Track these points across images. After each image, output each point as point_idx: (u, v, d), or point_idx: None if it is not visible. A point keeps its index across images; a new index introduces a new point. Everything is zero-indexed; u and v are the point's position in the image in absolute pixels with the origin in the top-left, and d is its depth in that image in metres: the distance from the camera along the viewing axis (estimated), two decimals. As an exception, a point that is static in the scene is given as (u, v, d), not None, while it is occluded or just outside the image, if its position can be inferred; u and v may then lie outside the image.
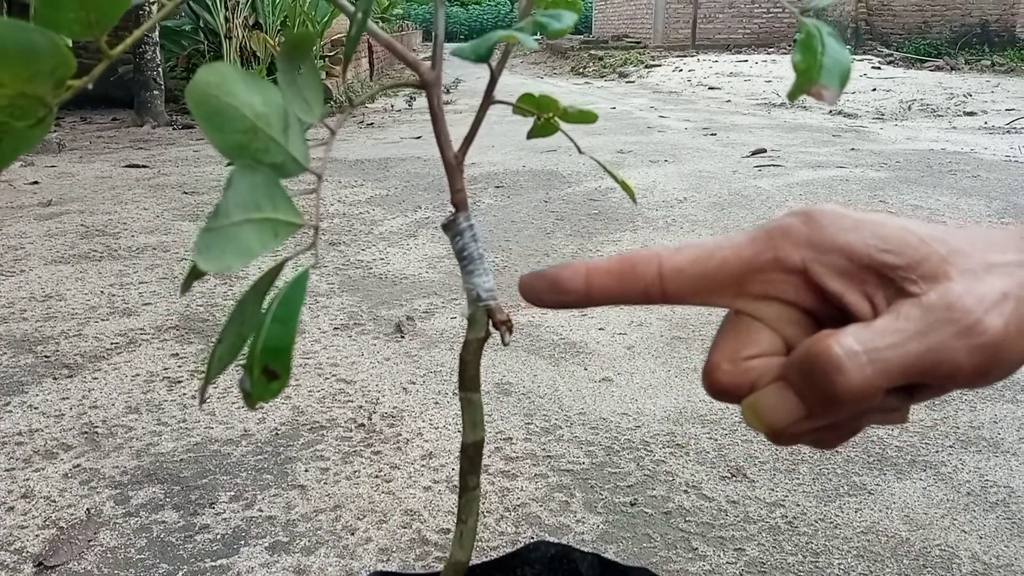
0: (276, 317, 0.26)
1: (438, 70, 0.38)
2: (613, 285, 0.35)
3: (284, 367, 0.26)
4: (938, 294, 0.30)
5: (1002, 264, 0.31)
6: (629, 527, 1.12)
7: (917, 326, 0.30)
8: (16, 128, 0.26)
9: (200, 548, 1.09)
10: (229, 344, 0.28)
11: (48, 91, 0.25)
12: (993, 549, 1.08)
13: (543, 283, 0.35)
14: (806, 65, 0.31)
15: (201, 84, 0.26)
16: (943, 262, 0.30)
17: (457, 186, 0.39)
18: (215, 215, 0.25)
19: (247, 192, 0.27)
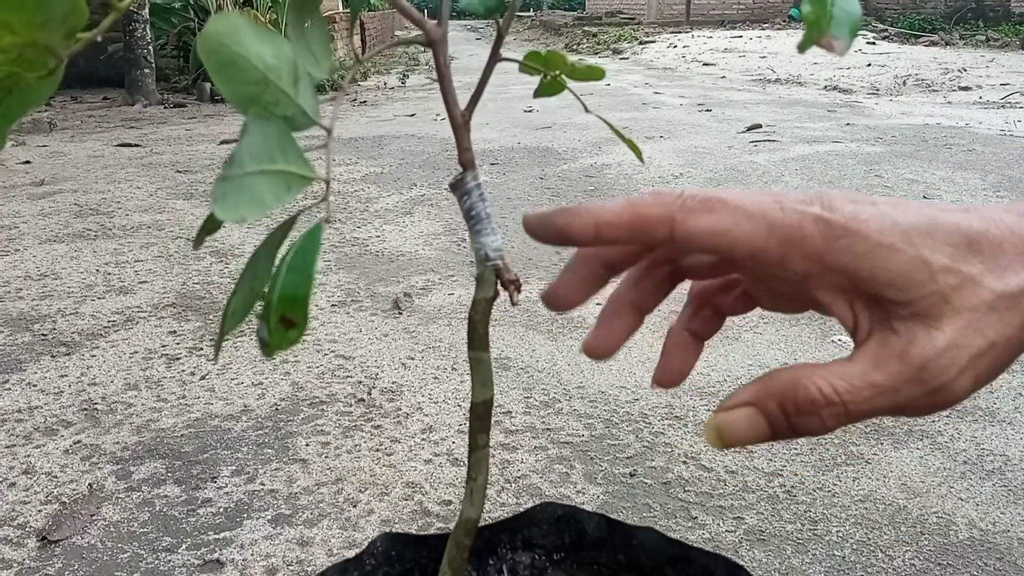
0: (292, 267, 0.26)
1: (444, 27, 0.38)
2: (622, 237, 0.35)
3: (301, 316, 0.26)
4: (919, 347, 0.30)
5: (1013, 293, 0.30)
6: (629, 497, 1.13)
7: (891, 382, 0.31)
8: (26, 80, 0.26)
9: (203, 521, 1.09)
10: (242, 297, 0.28)
11: (59, 41, 0.25)
12: (989, 516, 1.09)
13: (550, 231, 0.35)
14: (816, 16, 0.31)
15: (212, 34, 0.26)
16: (942, 301, 0.30)
17: (464, 145, 0.39)
18: (230, 163, 0.25)
19: (260, 143, 0.27)
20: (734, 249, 0.33)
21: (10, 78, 0.25)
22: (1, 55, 0.24)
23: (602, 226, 0.34)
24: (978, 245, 0.30)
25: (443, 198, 2.97)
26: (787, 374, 0.33)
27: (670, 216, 0.34)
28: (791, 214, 0.33)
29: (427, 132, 4.43)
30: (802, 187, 3.02)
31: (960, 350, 0.30)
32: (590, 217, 0.35)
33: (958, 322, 0.30)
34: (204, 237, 0.30)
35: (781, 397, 0.32)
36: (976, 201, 2.79)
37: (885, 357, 0.30)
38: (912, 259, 0.31)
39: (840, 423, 0.32)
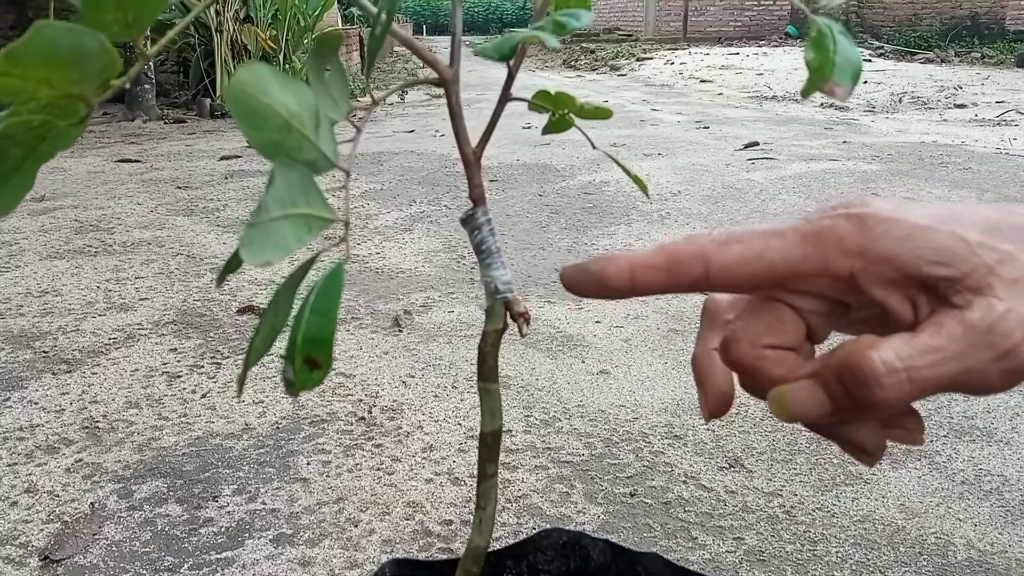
0: (315, 309, 0.27)
1: (456, 68, 0.39)
2: (658, 280, 0.35)
3: (325, 356, 0.27)
4: (981, 312, 0.30)
5: None
6: (630, 517, 1.14)
7: (957, 347, 0.30)
8: (58, 127, 0.27)
9: (205, 541, 1.10)
10: (264, 335, 0.29)
11: (92, 91, 0.26)
12: (987, 536, 1.10)
13: (587, 278, 0.36)
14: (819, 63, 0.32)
15: (239, 84, 0.27)
16: (990, 273, 0.31)
17: (475, 181, 0.40)
18: (257, 211, 0.26)
19: (285, 189, 0.28)
20: (774, 269, 0.33)
21: (44, 126, 0.26)
22: (38, 106, 0.25)
23: (637, 268, 0.35)
24: (1001, 229, 0.31)
25: (442, 215, 2.99)
26: (848, 346, 0.32)
27: (702, 252, 0.34)
28: (820, 221, 0.33)
29: (426, 148, 4.45)
30: (799, 205, 3.04)
31: (1021, 315, 0.30)
32: (624, 261, 0.35)
33: (1011, 291, 0.30)
34: (226, 275, 0.30)
35: (839, 368, 0.32)
36: (972, 220, 2.80)
37: (948, 323, 0.30)
38: (950, 235, 0.31)
39: (903, 393, 0.31)
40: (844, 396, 0.32)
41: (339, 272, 0.28)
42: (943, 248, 0.31)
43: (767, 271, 0.33)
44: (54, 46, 0.24)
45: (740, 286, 0.34)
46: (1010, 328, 0.30)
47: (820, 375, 0.33)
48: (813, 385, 0.33)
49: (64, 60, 0.24)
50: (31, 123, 0.25)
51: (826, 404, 0.33)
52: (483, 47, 0.33)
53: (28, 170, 0.27)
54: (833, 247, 0.32)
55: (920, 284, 0.32)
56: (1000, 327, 0.30)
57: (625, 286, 0.35)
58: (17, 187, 0.27)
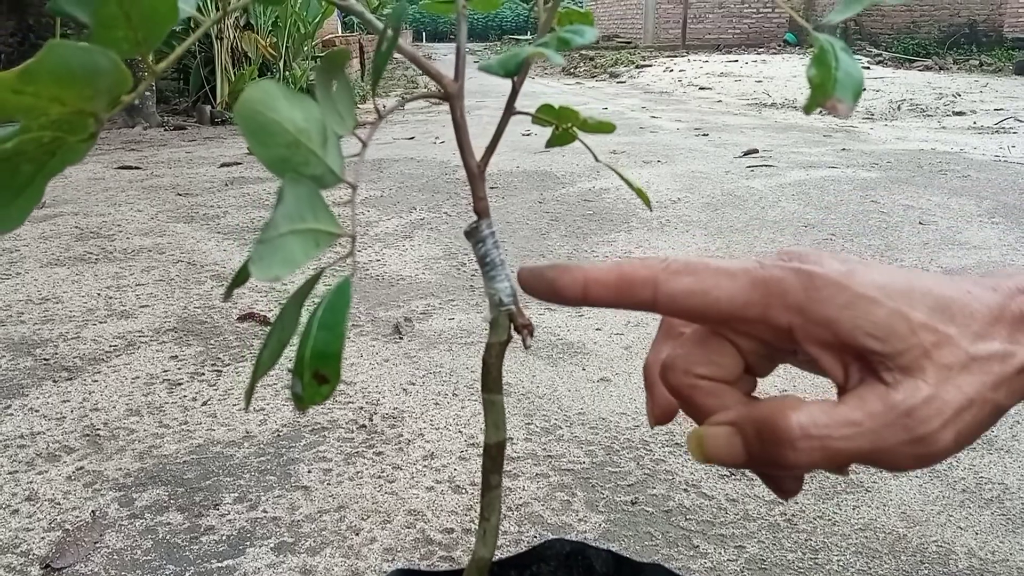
0: (322, 324, 0.28)
1: (461, 82, 0.39)
2: (609, 297, 0.36)
3: (334, 371, 0.27)
4: (904, 394, 0.31)
5: (985, 357, 0.32)
6: (631, 525, 1.14)
7: (874, 424, 0.31)
8: (68, 142, 0.27)
9: (206, 549, 1.10)
10: (271, 350, 0.30)
11: (103, 107, 0.26)
12: (988, 545, 1.10)
13: (542, 284, 0.37)
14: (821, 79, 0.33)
15: (248, 101, 0.27)
16: (924, 356, 0.31)
17: (479, 194, 0.40)
18: (266, 227, 0.26)
19: (293, 204, 0.28)
20: (718, 307, 0.34)
21: (54, 142, 0.26)
22: (48, 122, 0.25)
23: (590, 283, 0.36)
24: (950, 310, 0.31)
25: (443, 222, 2.99)
26: (771, 403, 0.33)
27: (654, 278, 0.35)
28: (772, 269, 0.34)
29: (426, 155, 4.45)
30: (798, 212, 3.05)
31: (944, 403, 0.31)
32: (580, 274, 0.36)
33: (939, 376, 0.31)
34: (233, 289, 0.31)
35: (760, 423, 0.33)
36: (971, 227, 2.81)
37: (870, 399, 0.31)
38: (893, 312, 0.32)
39: (813, 459, 0.32)
40: (759, 450, 0.33)
41: (346, 286, 0.28)
42: (882, 324, 0.32)
43: (712, 308, 0.34)
44: (67, 65, 0.24)
45: (685, 316, 0.35)
46: (929, 415, 0.31)
47: (740, 426, 0.34)
48: (732, 434, 0.34)
49: (77, 78, 0.24)
50: (42, 139, 0.26)
51: (741, 454, 0.34)
52: (488, 64, 0.33)
53: (38, 185, 0.27)
54: (776, 299, 0.33)
55: (854, 352, 0.32)
56: (919, 412, 0.31)
57: (576, 297, 0.36)
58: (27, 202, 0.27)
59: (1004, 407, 0.33)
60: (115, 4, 0.26)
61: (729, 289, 0.33)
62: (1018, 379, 0.32)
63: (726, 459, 0.34)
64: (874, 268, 0.33)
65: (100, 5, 0.26)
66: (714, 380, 0.36)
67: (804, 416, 0.32)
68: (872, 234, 2.74)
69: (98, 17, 0.26)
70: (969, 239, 2.65)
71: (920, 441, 0.31)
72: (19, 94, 0.23)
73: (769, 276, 0.33)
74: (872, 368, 0.32)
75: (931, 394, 0.31)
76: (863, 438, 0.31)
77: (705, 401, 0.36)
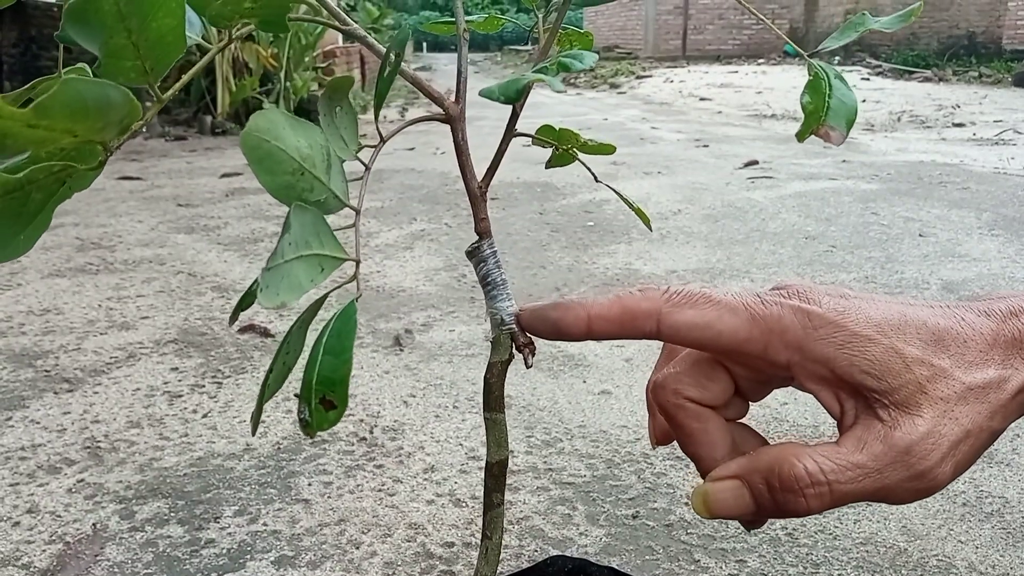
0: (328, 350, 0.28)
1: (462, 104, 0.40)
2: (613, 331, 0.37)
3: (341, 397, 0.27)
4: (902, 432, 0.32)
5: (980, 386, 0.32)
6: (632, 540, 1.14)
7: (877, 465, 0.32)
8: (79, 171, 0.27)
9: (206, 563, 1.10)
10: (277, 373, 0.30)
11: (112, 137, 0.27)
12: (989, 559, 1.10)
13: (546, 325, 0.37)
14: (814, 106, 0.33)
15: (253, 130, 0.28)
16: (919, 391, 0.32)
17: (481, 215, 0.41)
18: (273, 255, 0.27)
19: (298, 231, 0.28)
20: (719, 341, 0.34)
21: (64, 171, 0.27)
22: (60, 152, 0.26)
23: (594, 319, 0.36)
24: (945, 342, 0.32)
25: (443, 233, 3.00)
26: (774, 451, 0.34)
27: (656, 310, 0.35)
28: (772, 306, 0.34)
29: (427, 166, 4.47)
30: (799, 224, 3.05)
31: (941, 437, 0.32)
32: (582, 311, 0.36)
33: (935, 410, 0.31)
34: (238, 314, 0.31)
35: (767, 473, 0.34)
36: (971, 239, 2.82)
37: (870, 440, 0.32)
38: (887, 349, 0.33)
39: (824, 504, 0.33)
40: (768, 499, 0.34)
41: (352, 312, 0.29)
42: (877, 362, 0.32)
43: (713, 341, 0.35)
44: (81, 99, 0.24)
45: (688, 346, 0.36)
46: (927, 451, 0.32)
47: (746, 478, 0.34)
48: (739, 487, 0.35)
49: (90, 112, 0.25)
50: (52, 168, 0.26)
51: (750, 505, 0.34)
52: (489, 90, 0.33)
53: (47, 212, 0.28)
54: (776, 337, 0.33)
55: (851, 389, 0.33)
56: (918, 449, 0.31)
57: (581, 334, 0.37)
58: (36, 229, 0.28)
59: (998, 432, 0.34)
60: (123, 35, 0.27)
61: (731, 324, 0.34)
62: (1013, 402, 0.33)
63: (734, 512, 0.35)
64: (870, 303, 0.33)
65: (109, 36, 0.26)
66: (700, 404, 0.37)
67: (811, 463, 0.33)
68: (872, 246, 2.74)
69: (107, 48, 0.26)
70: (969, 251, 2.66)
71: (920, 476, 0.32)
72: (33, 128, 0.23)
73: (769, 314, 0.34)
74: (869, 404, 0.33)
75: (928, 430, 0.32)
76: (868, 479, 0.32)
77: (688, 423, 0.37)
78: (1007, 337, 0.33)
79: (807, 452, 0.33)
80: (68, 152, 0.27)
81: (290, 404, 1.58)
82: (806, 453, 0.33)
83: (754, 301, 0.34)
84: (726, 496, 0.35)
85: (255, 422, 0.29)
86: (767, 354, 0.34)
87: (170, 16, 0.27)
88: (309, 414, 0.27)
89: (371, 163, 0.34)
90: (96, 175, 0.29)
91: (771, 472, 0.34)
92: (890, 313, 0.33)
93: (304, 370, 0.29)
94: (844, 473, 0.33)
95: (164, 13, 0.26)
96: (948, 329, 0.33)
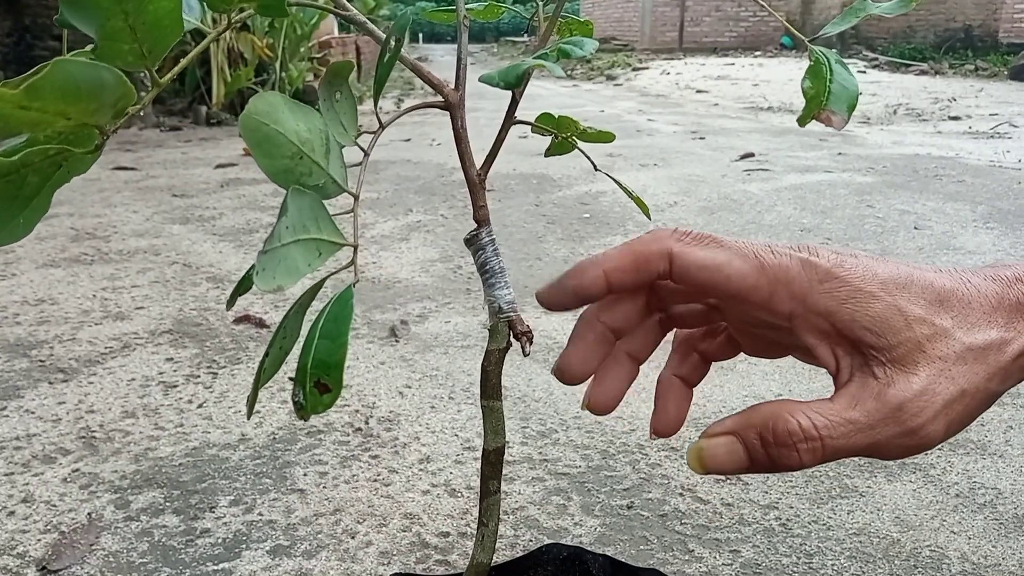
0: (324, 334, 0.28)
1: (462, 92, 0.40)
2: (629, 280, 0.37)
3: (335, 381, 0.27)
4: (896, 389, 0.32)
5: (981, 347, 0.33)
6: (626, 530, 1.14)
7: (868, 420, 0.33)
8: (75, 155, 0.27)
9: (202, 552, 1.10)
10: (273, 357, 0.30)
11: (107, 120, 0.26)
12: (981, 549, 1.10)
13: (565, 294, 0.38)
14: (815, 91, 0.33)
15: (252, 113, 0.28)
16: (917, 349, 0.33)
17: (480, 203, 0.41)
18: (270, 238, 0.26)
19: (296, 215, 0.28)
20: (727, 284, 0.35)
21: (60, 154, 0.27)
22: (55, 135, 0.26)
23: (610, 272, 0.37)
24: (949, 302, 0.33)
25: (439, 224, 3.00)
26: (769, 407, 0.35)
27: (668, 249, 0.36)
28: (781, 256, 0.35)
29: (423, 157, 4.46)
30: (795, 217, 3.06)
31: (934, 395, 0.32)
32: (597, 268, 0.37)
33: (932, 369, 0.32)
34: (236, 298, 0.31)
35: (761, 428, 0.34)
36: (966, 232, 2.82)
37: (864, 397, 0.33)
38: (889, 306, 0.33)
39: (816, 458, 0.34)
40: (762, 454, 0.34)
41: (348, 296, 0.29)
42: (878, 318, 0.33)
43: (721, 284, 0.35)
44: (73, 81, 0.24)
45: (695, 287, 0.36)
46: (920, 408, 0.32)
47: (741, 432, 0.35)
48: (733, 442, 0.35)
49: (82, 94, 0.25)
50: (48, 151, 0.26)
51: (744, 460, 0.35)
52: (489, 76, 0.33)
53: (45, 196, 0.28)
54: (782, 286, 0.34)
55: (850, 344, 0.33)
56: (911, 406, 0.32)
57: (602, 292, 0.37)
58: (34, 212, 0.28)
59: (997, 393, 0.34)
60: (120, 18, 0.26)
61: (740, 269, 0.34)
62: (1014, 365, 0.33)
63: (728, 467, 0.35)
64: (878, 262, 0.34)
65: (105, 19, 0.26)
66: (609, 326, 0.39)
67: (804, 418, 0.33)
68: (868, 239, 2.75)
69: (104, 31, 0.26)
70: (964, 244, 2.66)
71: (911, 433, 0.32)
72: (25, 109, 0.23)
73: (777, 264, 0.34)
74: (866, 361, 0.33)
75: (922, 387, 0.32)
76: (860, 435, 0.33)
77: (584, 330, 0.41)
78: (1011, 301, 0.34)
79: (800, 408, 0.34)
80: (64, 136, 0.26)
81: (285, 394, 1.57)
82: (799, 409, 0.34)
83: (764, 250, 0.35)
84: (720, 451, 0.36)
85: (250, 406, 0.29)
86: (771, 303, 0.34)
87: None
88: (304, 397, 0.27)
89: (370, 149, 0.34)
90: (94, 159, 0.28)
91: (765, 427, 0.34)
92: (897, 272, 0.34)
93: (300, 354, 0.29)
94: (836, 428, 0.33)
95: (161, -5, 0.26)
96: (953, 290, 0.33)
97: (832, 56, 0.34)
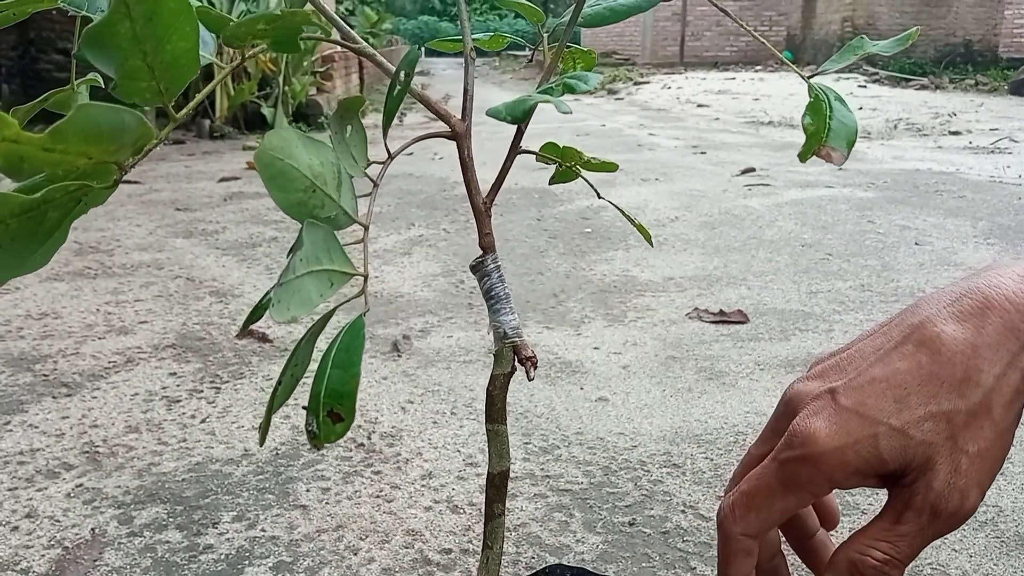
0: (336, 363, 0.29)
1: (468, 122, 0.41)
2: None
3: (348, 410, 0.28)
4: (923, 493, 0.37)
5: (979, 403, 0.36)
6: (628, 547, 1.14)
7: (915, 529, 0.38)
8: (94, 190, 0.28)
9: (205, 568, 1.10)
10: (285, 384, 0.30)
11: (127, 158, 0.27)
12: (983, 567, 1.11)
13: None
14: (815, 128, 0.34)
15: (267, 148, 0.29)
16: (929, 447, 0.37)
17: (485, 230, 0.41)
18: (285, 271, 0.27)
19: (310, 248, 0.29)
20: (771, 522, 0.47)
21: (80, 190, 0.27)
22: (77, 173, 0.27)
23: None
24: (939, 378, 0.35)
25: (441, 239, 3.01)
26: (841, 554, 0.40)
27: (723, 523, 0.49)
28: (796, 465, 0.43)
29: (425, 171, 4.48)
30: (795, 232, 3.06)
31: (956, 476, 0.35)
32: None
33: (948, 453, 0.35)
34: (248, 326, 0.32)
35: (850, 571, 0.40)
36: (967, 248, 2.83)
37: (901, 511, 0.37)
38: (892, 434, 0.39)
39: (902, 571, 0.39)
40: None
41: (360, 326, 0.29)
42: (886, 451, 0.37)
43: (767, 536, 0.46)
44: (95, 124, 0.25)
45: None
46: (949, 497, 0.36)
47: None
48: None
49: (104, 136, 0.25)
50: (69, 188, 0.27)
51: None
52: (496, 109, 0.34)
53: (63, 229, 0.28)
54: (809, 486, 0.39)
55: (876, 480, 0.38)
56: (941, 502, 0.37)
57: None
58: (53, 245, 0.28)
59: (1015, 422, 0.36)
60: (139, 57, 0.27)
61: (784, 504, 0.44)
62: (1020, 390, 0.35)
63: None
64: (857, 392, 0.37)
65: (125, 59, 0.27)
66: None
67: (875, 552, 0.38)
68: (868, 254, 2.75)
69: (123, 70, 0.27)
70: (965, 260, 2.67)
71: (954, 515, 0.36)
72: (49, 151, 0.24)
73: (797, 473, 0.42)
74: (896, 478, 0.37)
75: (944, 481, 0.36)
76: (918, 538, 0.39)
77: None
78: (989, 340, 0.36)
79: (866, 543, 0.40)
80: (84, 172, 0.27)
81: (287, 410, 1.58)
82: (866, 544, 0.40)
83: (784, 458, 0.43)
84: None
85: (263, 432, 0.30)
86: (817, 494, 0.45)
87: (184, 39, 0.27)
88: (317, 426, 0.28)
89: (379, 180, 0.35)
90: (111, 192, 0.29)
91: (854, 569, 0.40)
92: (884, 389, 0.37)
93: (312, 382, 0.30)
94: (900, 547, 0.39)
95: (179, 37, 0.27)
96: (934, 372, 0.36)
97: (831, 93, 0.35)
